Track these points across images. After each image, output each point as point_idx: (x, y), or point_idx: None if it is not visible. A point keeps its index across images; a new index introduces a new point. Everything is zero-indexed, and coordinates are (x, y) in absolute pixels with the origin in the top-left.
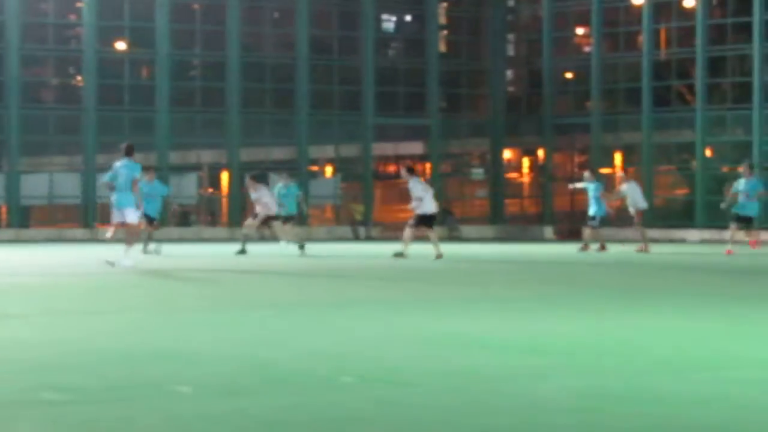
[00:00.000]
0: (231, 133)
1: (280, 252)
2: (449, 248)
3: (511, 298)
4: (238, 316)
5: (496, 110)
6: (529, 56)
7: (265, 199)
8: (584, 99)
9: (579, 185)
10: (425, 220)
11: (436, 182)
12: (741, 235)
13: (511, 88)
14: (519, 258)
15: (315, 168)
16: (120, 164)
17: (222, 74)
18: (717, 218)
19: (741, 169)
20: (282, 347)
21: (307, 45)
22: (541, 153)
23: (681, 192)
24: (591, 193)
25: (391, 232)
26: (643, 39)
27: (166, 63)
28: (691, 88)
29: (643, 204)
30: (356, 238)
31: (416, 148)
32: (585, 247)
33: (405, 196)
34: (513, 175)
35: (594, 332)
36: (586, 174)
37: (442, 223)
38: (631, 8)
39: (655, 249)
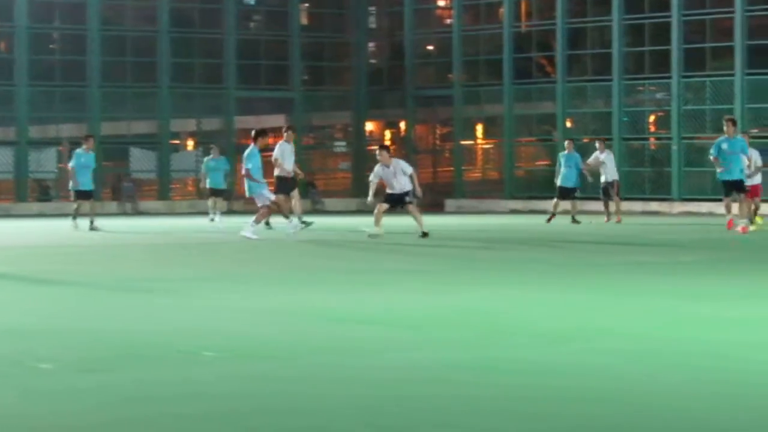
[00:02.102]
0: (91, 107)
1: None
2: (312, 220)
3: (370, 270)
4: (100, 292)
5: (358, 83)
6: (391, 29)
7: None
8: (446, 71)
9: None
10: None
11: (299, 155)
12: (566, 205)
13: (373, 61)
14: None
15: (177, 142)
16: None
17: (82, 47)
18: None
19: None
20: (145, 322)
21: (168, 17)
22: (403, 125)
23: (542, 163)
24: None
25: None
26: (503, 11)
27: (25, 36)
28: (551, 60)
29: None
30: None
31: (279, 120)
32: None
33: (268, 171)
34: (376, 147)
35: (455, 304)
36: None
37: (305, 195)
38: None
39: (524, 220)
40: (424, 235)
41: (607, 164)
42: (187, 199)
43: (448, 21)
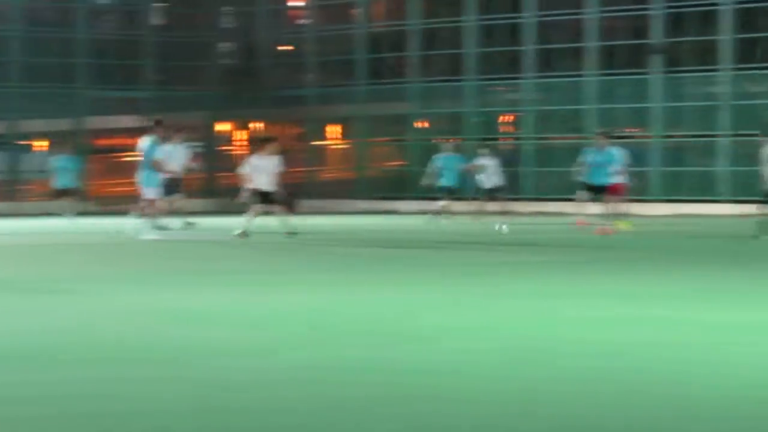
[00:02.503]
0: None
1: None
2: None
3: (221, 272)
4: None
5: (212, 83)
6: (245, 29)
7: None
8: (300, 71)
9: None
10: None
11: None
12: (450, 206)
13: (227, 61)
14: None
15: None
16: None
17: None
18: (430, 189)
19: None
20: (6, 324)
21: (20, 16)
22: (257, 125)
23: (395, 163)
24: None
25: (107, 206)
26: (357, 11)
27: None
28: (405, 61)
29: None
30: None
31: (133, 121)
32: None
33: (121, 170)
34: (229, 147)
35: (324, 305)
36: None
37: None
38: None
39: (371, 220)
40: (291, 234)
41: (490, 169)
42: (37, 200)
43: (303, 21)
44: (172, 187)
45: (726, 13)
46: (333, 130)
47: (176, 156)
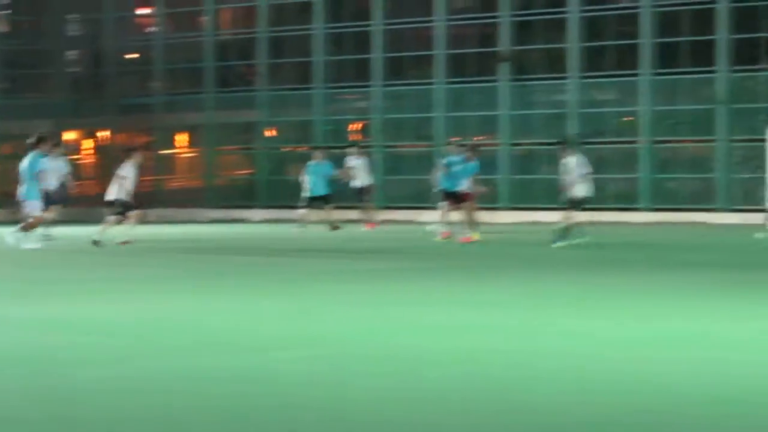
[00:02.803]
0: None
1: None
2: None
3: (83, 279)
4: None
5: (58, 91)
6: (92, 36)
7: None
8: (148, 79)
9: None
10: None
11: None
12: (313, 215)
13: (74, 69)
14: (85, 239)
15: None
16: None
17: None
18: (279, 198)
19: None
20: None
21: None
22: (104, 134)
23: (244, 172)
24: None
25: None
26: (205, 19)
27: None
28: (253, 69)
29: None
30: None
31: None
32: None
33: None
34: (76, 156)
35: (167, 315)
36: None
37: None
38: None
39: (220, 229)
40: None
41: (359, 169)
42: None
43: (150, 29)
44: (51, 198)
45: (574, 21)
46: (181, 139)
47: (54, 168)
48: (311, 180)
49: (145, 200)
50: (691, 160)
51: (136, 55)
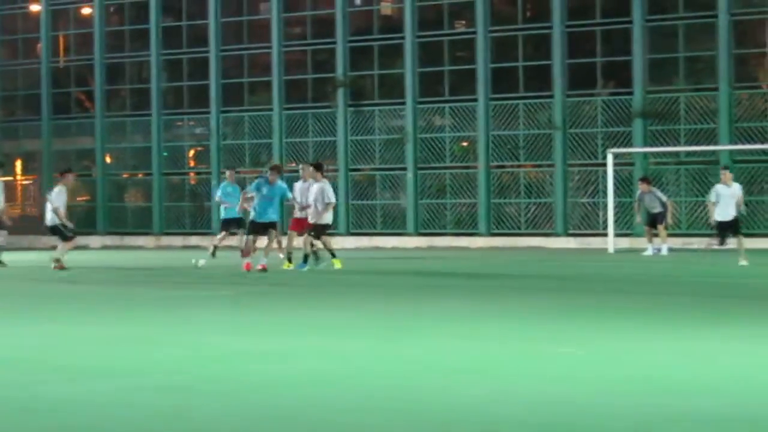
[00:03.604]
0: None
1: None
2: None
3: None
4: None
5: None
6: None
7: None
8: None
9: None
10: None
11: None
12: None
13: None
14: None
15: None
16: None
17: None
18: (118, 224)
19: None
20: None
21: None
22: None
23: (83, 198)
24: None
25: None
26: (41, 46)
27: None
28: (90, 95)
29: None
30: None
31: None
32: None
33: None
34: None
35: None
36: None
37: None
38: (28, 15)
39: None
40: None
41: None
42: None
43: None
44: None
45: (409, 46)
46: (18, 165)
47: None
48: (226, 201)
49: None
50: (529, 184)
51: None
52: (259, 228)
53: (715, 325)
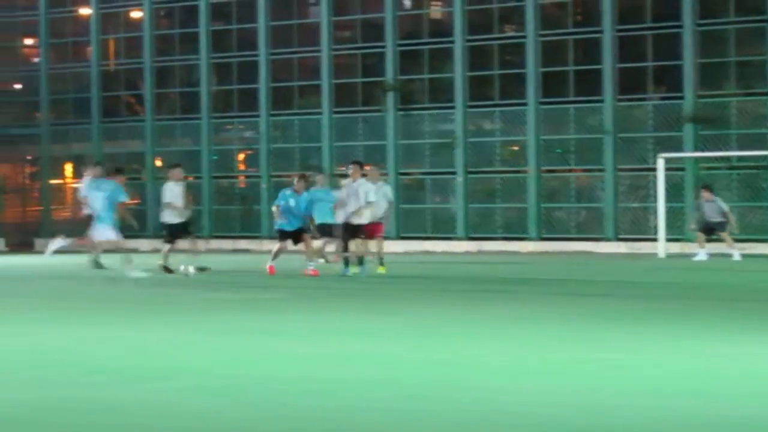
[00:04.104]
0: None
1: None
2: None
3: None
4: None
5: None
6: None
7: None
8: (33, 109)
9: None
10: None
11: None
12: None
13: None
14: None
15: None
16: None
17: None
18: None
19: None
20: None
21: None
22: None
23: (131, 202)
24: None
25: None
26: (91, 49)
27: None
28: (139, 98)
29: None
30: None
31: None
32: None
33: None
34: None
35: (39, 345)
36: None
37: None
38: (78, 18)
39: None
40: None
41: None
42: None
43: (35, 59)
44: None
45: (459, 50)
46: (69, 169)
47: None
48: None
49: (33, 230)
50: (579, 189)
51: (20, 85)
52: (291, 236)
53: None
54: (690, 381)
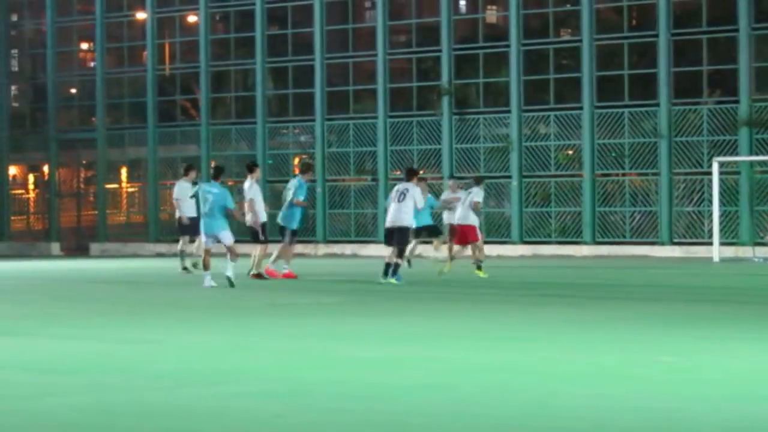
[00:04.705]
0: None
1: None
2: None
3: (15, 316)
4: None
5: (1, 126)
6: (33, 71)
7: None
8: (89, 114)
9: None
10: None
11: None
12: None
13: (15, 104)
14: (28, 275)
15: None
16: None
17: None
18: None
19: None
20: None
21: None
22: (46, 168)
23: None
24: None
25: None
26: (146, 54)
27: None
28: (195, 103)
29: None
30: None
31: None
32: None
33: None
34: (19, 191)
35: (99, 349)
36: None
37: None
38: (134, 23)
39: (170, 263)
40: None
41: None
42: None
43: (92, 64)
44: None
45: (515, 54)
46: (124, 173)
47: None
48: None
49: (89, 234)
50: (634, 193)
51: (77, 90)
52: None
53: None
54: (745, 385)
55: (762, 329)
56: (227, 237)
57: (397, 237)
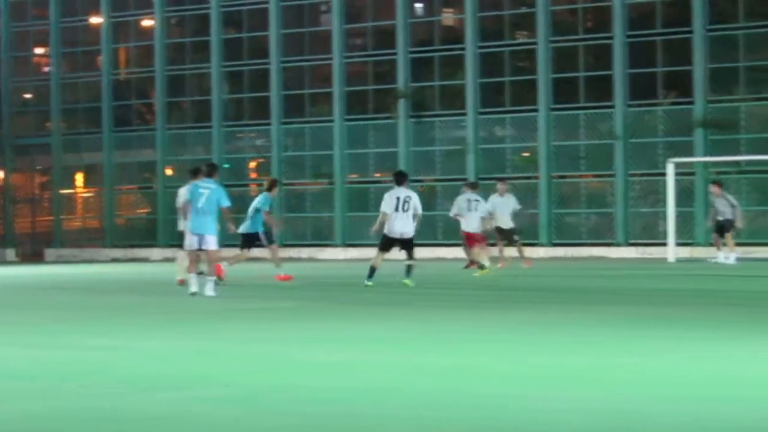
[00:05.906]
0: None
1: None
2: None
3: None
4: None
5: None
6: None
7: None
8: (44, 119)
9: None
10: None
11: None
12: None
13: None
14: None
15: None
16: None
17: None
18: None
19: None
20: None
21: None
22: (1, 174)
23: (143, 211)
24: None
25: None
26: (102, 59)
27: None
28: (151, 107)
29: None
30: None
31: None
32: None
33: None
34: None
35: (55, 356)
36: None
37: None
38: (89, 27)
39: (125, 268)
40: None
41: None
42: None
43: (47, 68)
44: None
45: (471, 57)
46: (80, 178)
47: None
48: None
49: (44, 240)
50: (590, 195)
51: (32, 95)
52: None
53: None
54: (705, 386)
55: (719, 329)
56: (212, 242)
57: (408, 248)
